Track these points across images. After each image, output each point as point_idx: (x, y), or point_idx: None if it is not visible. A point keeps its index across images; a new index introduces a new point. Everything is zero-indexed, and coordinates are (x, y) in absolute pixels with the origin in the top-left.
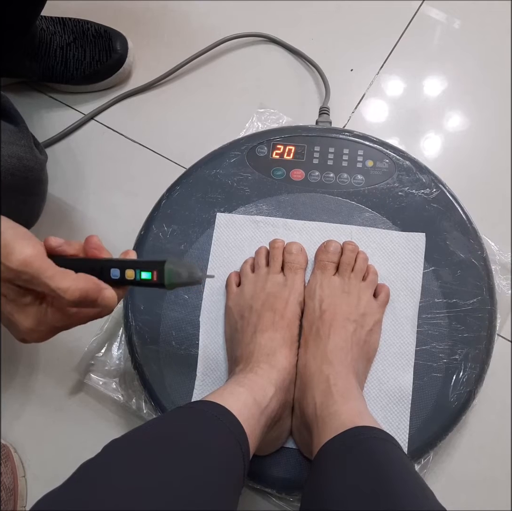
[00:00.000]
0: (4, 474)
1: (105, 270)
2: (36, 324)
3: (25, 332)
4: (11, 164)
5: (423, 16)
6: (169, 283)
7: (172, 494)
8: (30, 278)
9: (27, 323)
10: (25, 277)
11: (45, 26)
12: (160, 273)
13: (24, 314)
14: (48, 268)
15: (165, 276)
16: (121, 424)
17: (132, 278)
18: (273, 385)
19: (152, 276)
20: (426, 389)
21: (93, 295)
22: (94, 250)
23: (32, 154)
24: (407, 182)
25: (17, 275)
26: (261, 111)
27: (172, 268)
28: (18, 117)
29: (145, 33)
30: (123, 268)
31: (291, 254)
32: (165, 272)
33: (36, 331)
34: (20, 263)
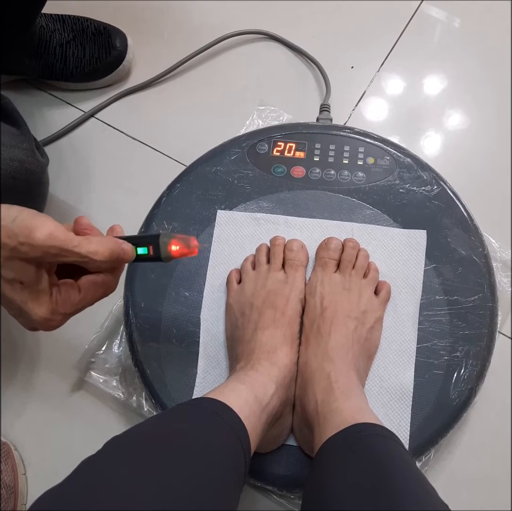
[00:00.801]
0: (5, 472)
1: None
2: (50, 313)
3: (38, 321)
4: (13, 167)
5: (423, 15)
6: (166, 256)
7: (173, 492)
8: (58, 251)
9: (40, 312)
10: (53, 251)
11: (45, 24)
12: (155, 247)
13: (38, 302)
14: (74, 237)
15: (160, 249)
16: (121, 422)
17: None
18: (274, 383)
19: (148, 251)
20: (427, 386)
21: (117, 250)
22: (86, 231)
23: (33, 157)
24: (408, 179)
25: (45, 252)
26: (261, 109)
27: (167, 241)
28: (20, 120)
29: (145, 30)
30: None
31: (292, 251)
32: (160, 245)
33: (50, 319)
34: (46, 237)
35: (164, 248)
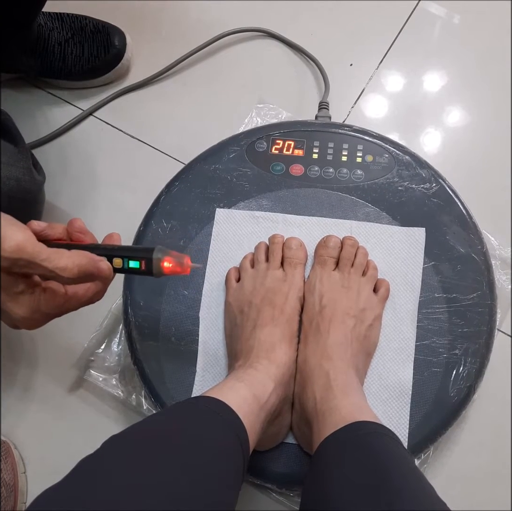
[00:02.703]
0: (4, 471)
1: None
2: (30, 312)
3: (18, 320)
4: (9, 186)
5: (423, 11)
6: (157, 272)
7: (171, 490)
8: (26, 263)
9: (21, 312)
10: (21, 263)
11: (43, 22)
12: (148, 262)
13: (17, 302)
14: (42, 250)
15: (153, 265)
16: (121, 420)
17: (120, 266)
18: (273, 381)
19: (140, 265)
20: (426, 384)
21: (90, 268)
22: (79, 234)
23: (30, 176)
24: (407, 177)
25: (13, 263)
26: (260, 107)
27: (160, 257)
28: (18, 137)
29: (144, 28)
30: (111, 256)
31: (291, 249)
32: (153, 261)
33: (30, 319)
34: (13, 249)
35: (157, 264)
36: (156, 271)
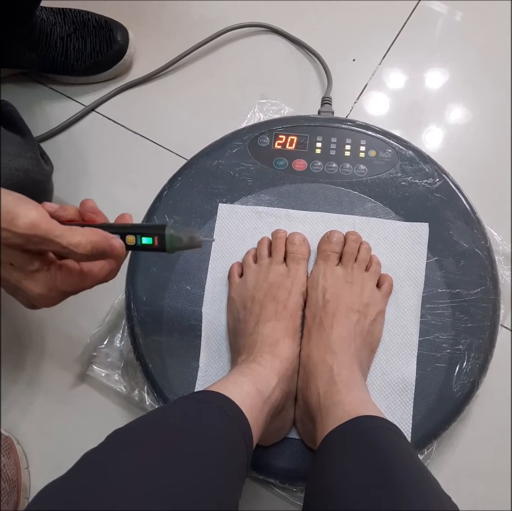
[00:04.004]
0: (7, 466)
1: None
2: (47, 290)
3: (35, 298)
4: (19, 177)
5: (425, 8)
6: (170, 247)
7: (174, 484)
8: (40, 240)
9: (37, 289)
10: (35, 239)
11: (45, 17)
12: (161, 238)
13: (33, 280)
14: (56, 227)
15: (166, 241)
16: (124, 415)
17: (133, 243)
18: (276, 375)
19: (153, 241)
20: (429, 379)
21: (103, 245)
22: (91, 214)
23: (39, 167)
24: (410, 172)
25: (27, 239)
26: (262, 102)
27: (173, 233)
28: (25, 128)
29: (146, 24)
30: (124, 233)
31: (294, 245)
32: (166, 237)
33: (47, 296)
34: (27, 226)
35: (170, 240)
36: (169, 247)
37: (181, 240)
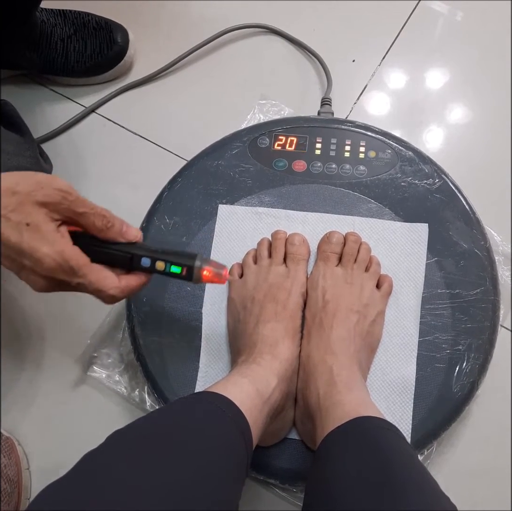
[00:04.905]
0: (8, 467)
1: (136, 258)
2: (55, 252)
3: (41, 260)
4: None
5: (425, 8)
6: (196, 279)
7: (174, 485)
8: (70, 204)
9: (49, 250)
10: (68, 200)
11: (46, 18)
12: (189, 269)
13: (46, 240)
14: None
15: (194, 273)
16: (124, 416)
17: (162, 269)
18: (276, 376)
19: (182, 271)
20: (429, 379)
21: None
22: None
23: (38, 165)
24: (410, 173)
25: (63, 197)
26: (262, 103)
27: (202, 267)
28: (24, 127)
29: (146, 25)
30: (155, 259)
31: (294, 245)
32: (194, 269)
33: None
34: (67, 186)
35: (198, 273)
36: (195, 278)
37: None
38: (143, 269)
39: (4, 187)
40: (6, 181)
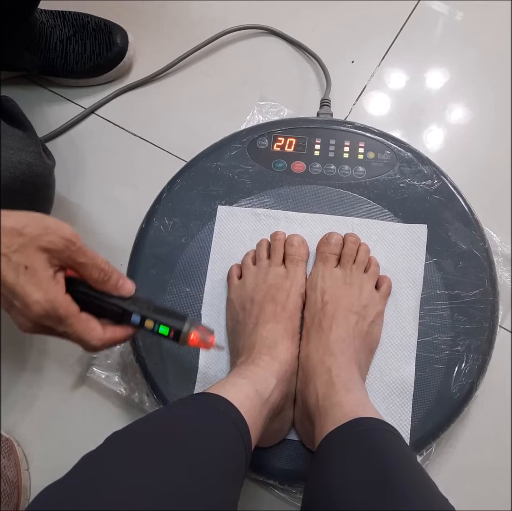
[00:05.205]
0: (8, 468)
1: (126, 314)
2: (46, 301)
3: (30, 305)
4: (21, 170)
5: (425, 8)
6: (182, 342)
7: (173, 486)
8: (74, 253)
9: (38, 296)
10: (74, 247)
11: (45, 20)
12: (176, 333)
13: (38, 286)
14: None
15: (180, 337)
16: (124, 417)
17: (150, 328)
18: (275, 377)
19: (169, 333)
20: (428, 380)
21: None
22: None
23: (41, 160)
24: (409, 174)
25: (66, 246)
26: (262, 104)
27: (189, 332)
28: (26, 123)
29: (145, 26)
30: (144, 317)
31: (293, 246)
32: (181, 335)
33: (40, 308)
34: (73, 235)
35: (184, 337)
36: (181, 342)
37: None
38: (131, 325)
39: (11, 227)
40: (14, 221)
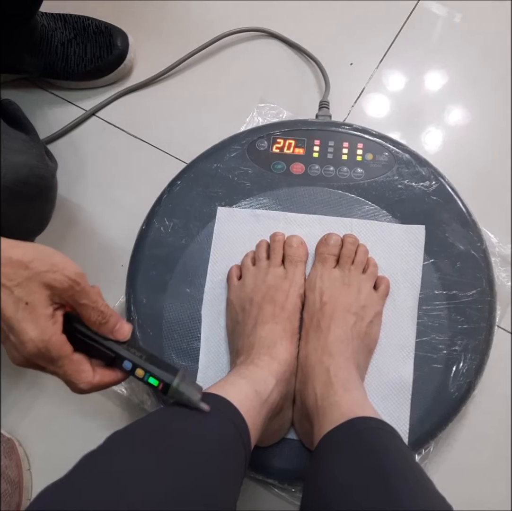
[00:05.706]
0: (9, 468)
1: (119, 359)
2: (40, 340)
3: (24, 343)
4: (24, 172)
5: (423, 10)
6: (170, 397)
7: (172, 485)
8: (78, 293)
9: (34, 334)
10: (78, 287)
11: (46, 23)
12: (165, 386)
13: (34, 324)
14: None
15: (168, 392)
16: (124, 417)
17: (141, 377)
18: (274, 377)
19: (158, 385)
20: (426, 380)
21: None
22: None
23: (43, 163)
24: (407, 175)
25: (70, 286)
26: (261, 106)
27: (177, 388)
28: (29, 125)
29: (146, 29)
30: (136, 365)
31: (292, 247)
32: (169, 390)
33: (35, 346)
34: (76, 274)
35: (172, 392)
36: (169, 396)
37: (181, 395)
38: (122, 370)
39: (18, 259)
40: (22, 254)
